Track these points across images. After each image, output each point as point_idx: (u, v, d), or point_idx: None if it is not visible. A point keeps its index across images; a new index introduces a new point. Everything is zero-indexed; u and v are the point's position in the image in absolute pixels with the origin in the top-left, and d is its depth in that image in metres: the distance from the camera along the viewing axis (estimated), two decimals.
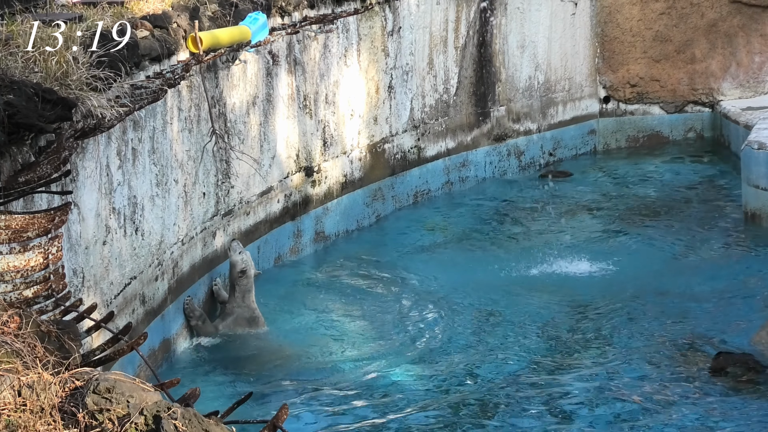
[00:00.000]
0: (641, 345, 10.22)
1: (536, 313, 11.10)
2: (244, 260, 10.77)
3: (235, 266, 10.73)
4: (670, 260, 12.60)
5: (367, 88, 13.80)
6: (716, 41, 16.99)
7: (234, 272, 10.74)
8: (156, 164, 9.54)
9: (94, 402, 4.24)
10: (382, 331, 10.89)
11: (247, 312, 10.77)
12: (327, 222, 13.32)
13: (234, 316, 10.73)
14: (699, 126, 17.22)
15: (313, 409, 9.19)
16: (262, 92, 11.75)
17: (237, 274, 10.71)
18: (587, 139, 17.25)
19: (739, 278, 11.89)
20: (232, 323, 10.71)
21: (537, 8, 16.22)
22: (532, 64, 16.34)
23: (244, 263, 10.75)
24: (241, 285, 10.73)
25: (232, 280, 10.79)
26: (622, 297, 11.40)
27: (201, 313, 10.51)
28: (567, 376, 9.65)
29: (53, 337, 5.21)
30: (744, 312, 10.88)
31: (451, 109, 15.32)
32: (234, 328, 10.71)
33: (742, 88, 17.04)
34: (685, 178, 15.84)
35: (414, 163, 14.83)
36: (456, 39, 15.21)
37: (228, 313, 10.76)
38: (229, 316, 10.73)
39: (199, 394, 4.79)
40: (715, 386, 9.28)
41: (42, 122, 6.33)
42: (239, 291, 10.74)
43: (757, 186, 13.13)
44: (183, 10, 10.16)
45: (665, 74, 17.11)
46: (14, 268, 6.12)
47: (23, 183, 6.49)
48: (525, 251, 12.91)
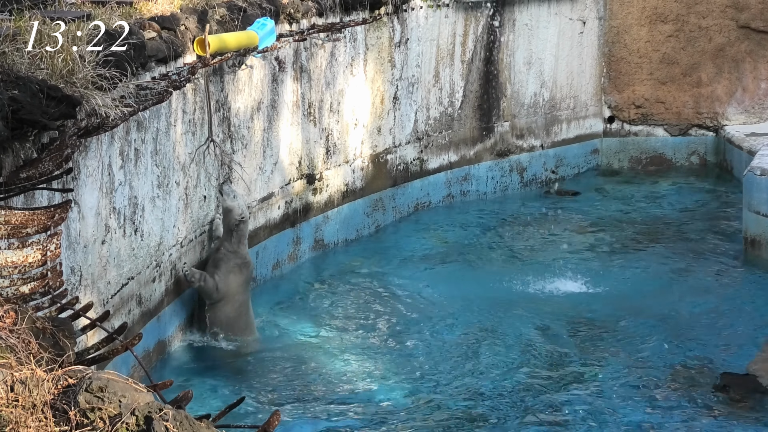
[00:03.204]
0: (637, 366, 10.20)
1: (533, 330, 11.08)
2: (240, 206, 10.55)
3: (232, 212, 10.46)
4: (669, 283, 12.58)
5: (372, 98, 13.81)
6: (723, 66, 17.00)
7: (231, 218, 10.47)
8: (158, 165, 9.54)
9: (86, 400, 4.23)
10: (376, 342, 10.88)
11: (240, 258, 10.54)
12: (326, 230, 13.32)
13: (228, 264, 10.45)
14: (702, 150, 17.22)
15: (305, 418, 9.18)
16: (267, 98, 11.76)
17: (235, 220, 10.47)
18: (590, 158, 17.26)
19: (738, 303, 11.88)
20: (226, 272, 10.42)
21: (545, 26, 16.24)
22: (537, 81, 16.35)
23: (242, 208, 10.54)
24: (238, 231, 10.50)
25: (227, 226, 10.53)
26: (619, 318, 11.39)
27: (201, 273, 10.29)
28: (564, 395, 9.63)
29: (48, 334, 5.20)
30: (743, 337, 10.87)
31: (455, 122, 15.32)
32: (228, 276, 10.43)
33: (747, 113, 17.05)
34: (687, 202, 15.84)
35: (416, 175, 14.84)
36: (463, 53, 15.22)
37: (221, 260, 10.46)
38: (224, 264, 10.44)
39: (191, 397, 4.79)
40: (712, 408, 9.27)
41: (46, 119, 6.33)
42: (236, 237, 10.49)
43: (758, 212, 13.12)
44: (191, 13, 10.18)
45: (671, 97, 17.12)
46: (12, 263, 6.11)
47: (24, 179, 6.48)
48: (523, 268, 12.90)
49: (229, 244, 10.56)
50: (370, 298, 12.05)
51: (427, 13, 14.58)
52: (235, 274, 10.54)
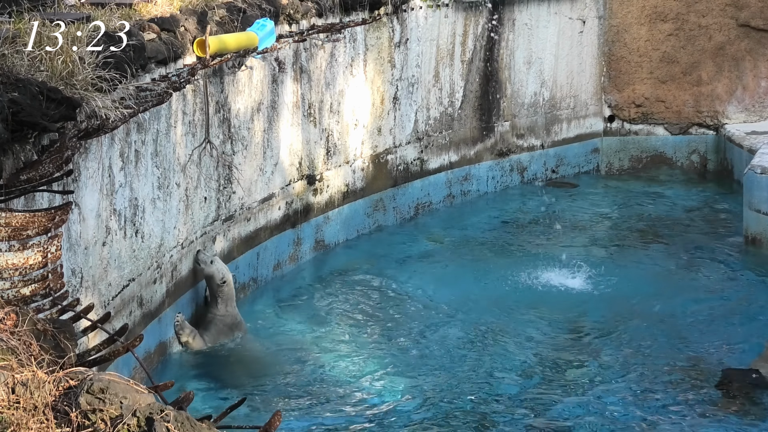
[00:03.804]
0: (638, 365, 10.20)
1: (534, 330, 11.08)
2: (220, 269, 10.44)
3: (213, 278, 10.40)
4: (669, 281, 12.57)
5: (372, 98, 13.80)
6: (723, 64, 16.99)
7: (213, 284, 10.42)
8: (158, 167, 9.55)
9: (87, 402, 4.23)
10: (377, 343, 10.88)
11: (230, 319, 10.54)
12: (327, 231, 13.32)
13: (218, 326, 10.48)
14: (703, 148, 17.20)
15: (306, 418, 9.18)
16: (267, 99, 11.76)
17: (217, 285, 10.41)
18: (590, 158, 17.25)
19: (738, 301, 11.88)
20: (216, 334, 10.45)
21: (545, 25, 16.23)
22: (538, 80, 16.35)
23: (222, 272, 10.44)
24: (223, 294, 10.45)
25: (211, 291, 10.50)
26: (620, 316, 11.39)
27: (191, 329, 10.27)
28: (564, 394, 9.64)
29: (49, 336, 5.21)
30: (744, 335, 10.87)
31: (456, 122, 15.32)
32: (218, 338, 10.47)
33: (748, 112, 17.04)
34: (687, 200, 15.83)
35: (416, 175, 14.83)
36: (463, 53, 15.22)
37: (210, 322, 10.48)
38: (213, 326, 10.46)
39: (192, 398, 4.79)
40: (714, 408, 9.28)
41: (46, 121, 6.34)
42: (222, 301, 10.46)
43: (759, 210, 13.13)
44: (191, 14, 10.18)
45: (671, 95, 17.11)
46: (13, 265, 6.12)
47: (25, 181, 6.49)
48: (524, 267, 12.89)
49: (215, 309, 10.50)
50: (371, 299, 12.04)
51: (426, 13, 14.58)
52: (225, 335, 10.57)
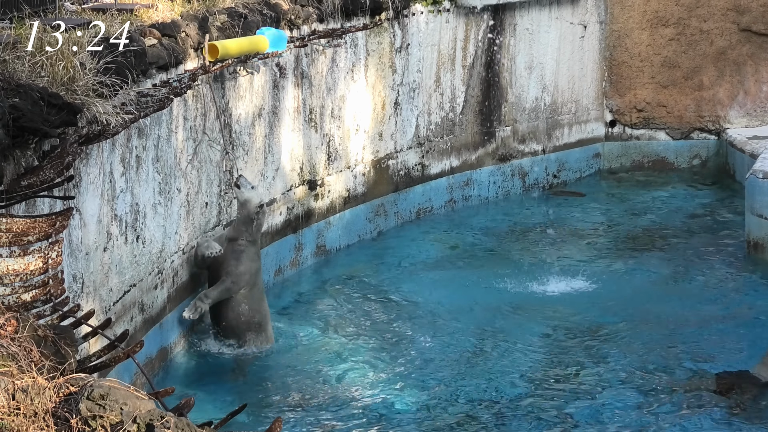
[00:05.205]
0: (640, 370, 10.20)
1: (535, 335, 11.07)
2: (259, 194, 10.65)
3: (250, 202, 10.46)
4: (671, 286, 12.57)
5: (373, 103, 13.81)
6: (724, 69, 16.99)
7: (250, 208, 10.45)
8: (159, 172, 9.54)
9: (87, 408, 4.22)
10: (379, 348, 10.87)
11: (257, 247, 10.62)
12: (328, 236, 13.31)
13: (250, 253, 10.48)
14: (704, 153, 17.20)
15: (307, 425, 9.17)
16: (268, 104, 11.76)
17: (255, 209, 10.47)
18: (592, 163, 17.24)
19: (740, 306, 11.87)
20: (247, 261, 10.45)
21: (546, 30, 16.23)
22: (539, 85, 16.34)
23: (260, 197, 10.61)
24: (259, 220, 10.58)
25: (245, 217, 10.51)
26: (621, 321, 11.38)
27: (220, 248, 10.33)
28: (566, 398, 9.64)
29: (49, 342, 5.20)
30: (745, 341, 10.86)
31: (457, 127, 15.32)
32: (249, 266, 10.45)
33: (749, 116, 17.03)
34: (689, 205, 15.82)
35: (417, 180, 14.83)
36: (464, 58, 15.22)
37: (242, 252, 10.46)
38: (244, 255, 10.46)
39: (193, 404, 4.78)
40: (715, 410, 9.28)
41: (47, 126, 6.34)
42: (257, 225, 10.55)
43: (761, 215, 13.11)
44: (192, 20, 10.18)
45: (672, 100, 17.10)
46: (13, 271, 6.12)
47: (26, 187, 6.49)
48: (526, 273, 12.88)
49: (249, 235, 10.54)
50: (372, 304, 12.04)
51: (427, 18, 14.58)
52: (255, 262, 10.61)
